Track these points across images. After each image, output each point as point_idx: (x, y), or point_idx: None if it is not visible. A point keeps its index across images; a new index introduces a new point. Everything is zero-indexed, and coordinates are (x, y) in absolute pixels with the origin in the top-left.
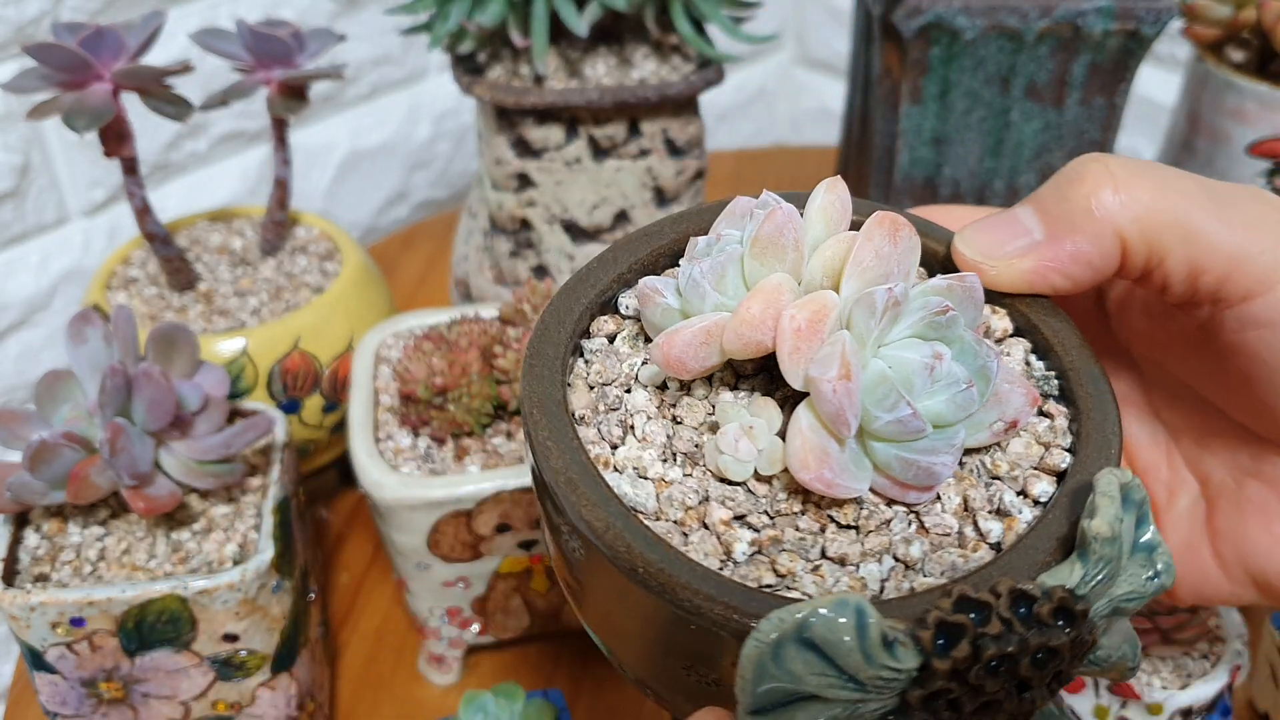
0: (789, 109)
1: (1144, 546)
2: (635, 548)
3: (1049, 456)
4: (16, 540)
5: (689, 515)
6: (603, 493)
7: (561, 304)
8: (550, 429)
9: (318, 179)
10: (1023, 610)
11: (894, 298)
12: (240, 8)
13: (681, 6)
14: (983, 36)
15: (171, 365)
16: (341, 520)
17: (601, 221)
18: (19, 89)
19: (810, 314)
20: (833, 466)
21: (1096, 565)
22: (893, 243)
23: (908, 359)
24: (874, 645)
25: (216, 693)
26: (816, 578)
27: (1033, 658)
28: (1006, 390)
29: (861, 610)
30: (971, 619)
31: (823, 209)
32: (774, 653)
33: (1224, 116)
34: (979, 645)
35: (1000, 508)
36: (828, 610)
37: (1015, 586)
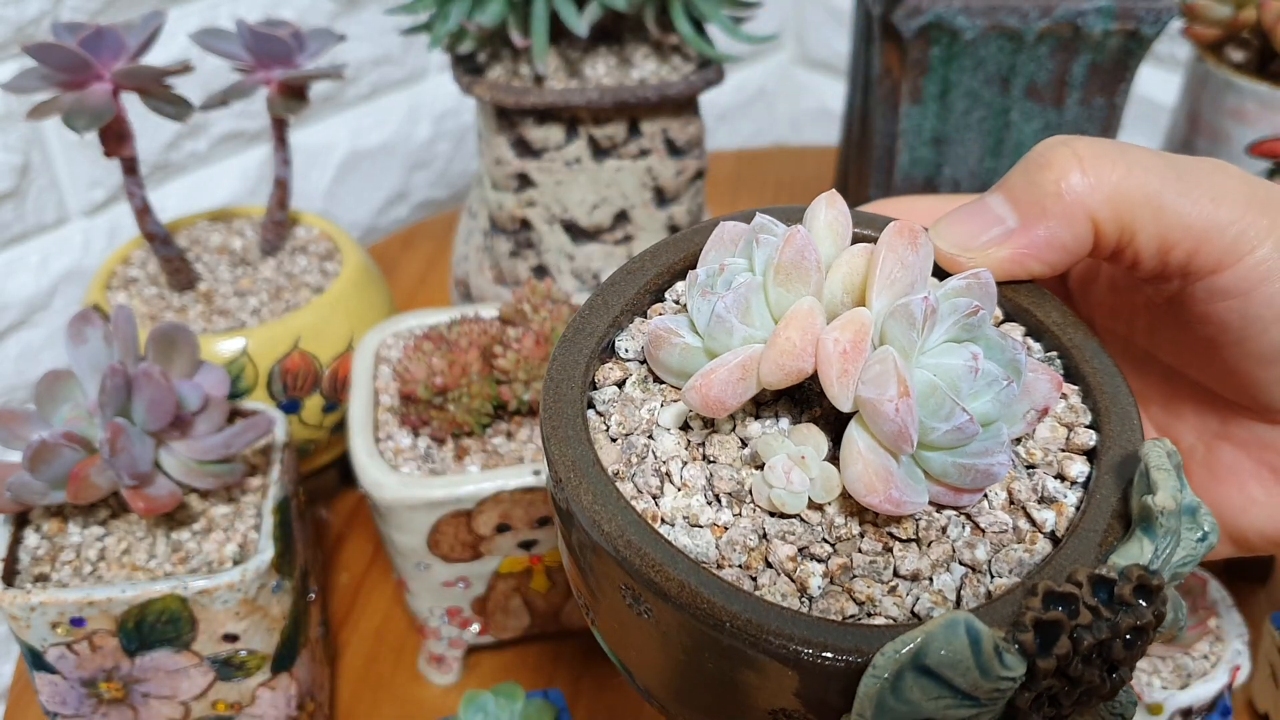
0: (789, 109)
1: (1188, 509)
2: (717, 602)
3: (1075, 436)
4: (16, 540)
5: (752, 557)
6: (667, 551)
7: (565, 357)
8: (594, 493)
9: (318, 179)
10: (1104, 595)
11: (930, 306)
12: (240, 8)
13: (681, 6)
14: (983, 36)
15: (171, 365)
16: (341, 520)
17: (601, 221)
18: (19, 89)
19: (853, 334)
20: (898, 486)
21: (1165, 539)
22: (914, 251)
23: (951, 365)
24: (989, 659)
25: (216, 693)
26: (895, 599)
27: (1124, 639)
28: (1033, 379)
29: (973, 628)
30: (1063, 613)
31: (829, 225)
32: (893, 686)
33: (1224, 116)
34: (1076, 638)
35: (1046, 495)
36: (941, 633)
37: (1094, 573)
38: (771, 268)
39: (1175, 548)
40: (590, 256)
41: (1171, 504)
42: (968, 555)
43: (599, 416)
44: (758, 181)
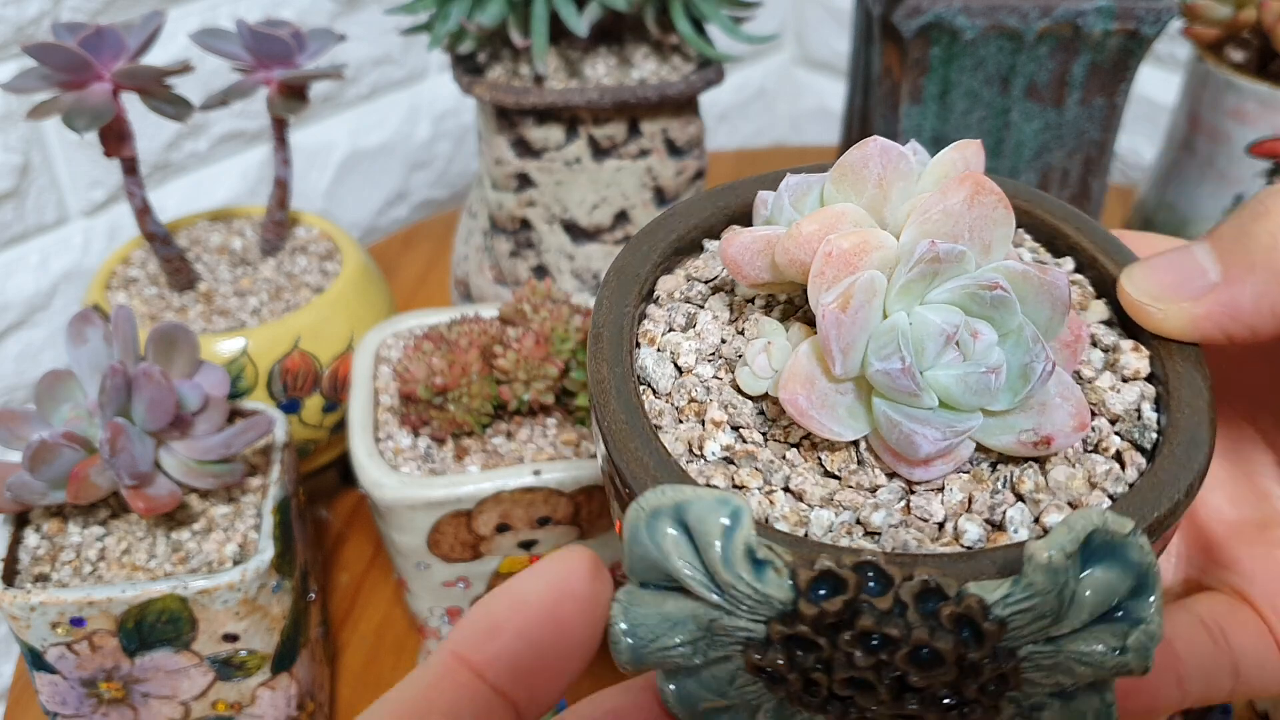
0: (789, 109)
1: (1127, 618)
2: (613, 403)
3: (1089, 497)
4: (16, 540)
5: (690, 407)
6: (619, 353)
7: (698, 200)
8: (614, 290)
9: (318, 179)
10: (928, 605)
11: (935, 253)
12: (240, 8)
13: (681, 6)
14: (983, 36)
15: (171, 365)
16: (341, 520)
17: (601, 221)
18: (19, 89)
19: (851, 244)
20: (812, 397)
21: (1024, 590)
22: (968, 205)
23: (929, 320)
24: (736, 550)
25: (216, 693)
26: (765, 501)
27: (913, 651)
28: (1055, 402)
29: (739, 514)
30: (867, 585)
31: (940, 163)
32: (650, 521)
33: (1224, 116)
34: (857, 608)
35: (998, 520)
36: (714, 499)
37: (930, 579)
38: (835, 166)
39: (1052, 619)
40: (590, 256)
41: (1044, 557)
42: (865, 513)
43: (698, 260)
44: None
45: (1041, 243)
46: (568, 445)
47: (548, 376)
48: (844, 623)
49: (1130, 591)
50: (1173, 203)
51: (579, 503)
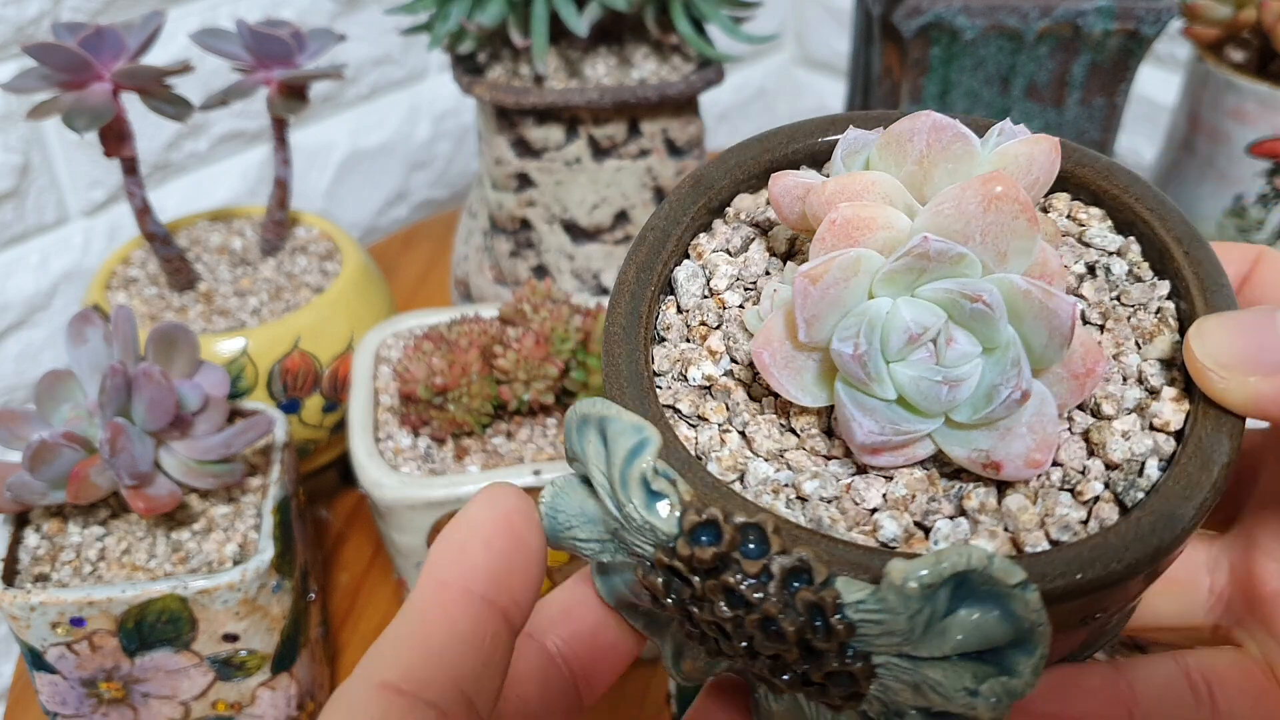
0: (789, 109)
1: (997, 664)
2: (621, 310)
3: (1030, 535)
4: (16, 540)
5: (699, 329)
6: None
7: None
8: (680, 198)
9: (318, 179)
10: (794, 583)
11: (926, 249)
12: (240, 8)
13: (681, 6)
14: (983, 36)
15: (171, 365)
16: (341, 520)
17: (601, 221)
18: (19, 89)
19: (855, 216)
20: (777, 356)
21: (876, 603)
22: (984, 208)
23: (902, 314)
24: (633, 476)
25: (216, 693)
26: (718, 438)
27: (762, 620)
28: (1018, 431)
29: (646, 444)
30: (744, 546)
31: (1004, 154)
32: (579, 426)
33: (1224, 116)
34: (726, 563)
35: (925, 525)
36: (629, 423)
37: (805, 559)
38: (886, 133)
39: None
40: (590, 256)
41: (898, 578)
42: (802, 480)
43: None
44: None
45: (1153, 256)
46: None
47: (548, 376)
48: (712, 572)
49: (1011, 641)
50: None
51: None
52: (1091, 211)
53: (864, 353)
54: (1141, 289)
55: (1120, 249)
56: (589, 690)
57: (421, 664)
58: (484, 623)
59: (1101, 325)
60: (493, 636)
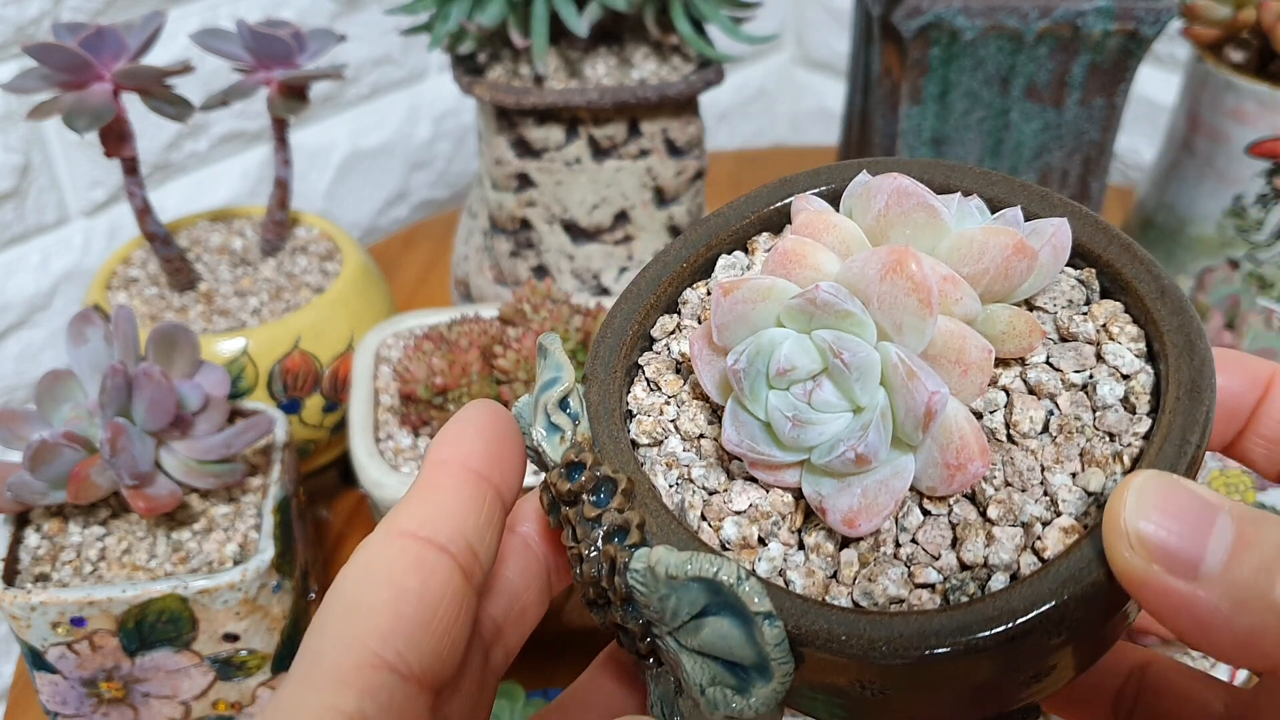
0: (789, 109)
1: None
2: (617, 313)
3: (836, 588)
4: (17, 540)
5: (704, 313)
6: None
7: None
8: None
9: (318, 179)
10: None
11: (814, 295)
12: (240, 8)
13: (681, 7)
14: (982, 37)
15: (172, 365)
16: (342, 520)
17: (601, 221)
18: (20, 89)
19: (790, 248)
20: (701, 351)
21: (642, 576)
22: (880, 277)
23: (781, 350)
24: (539, 403)
25: (217, 692)
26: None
27: (578, 557)
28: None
29: (558, 380)
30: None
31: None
32: (541, 352)
33: (1223, 117)
34: (575, 499)
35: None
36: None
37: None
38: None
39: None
40: (590, 256)
41: (643, 561)
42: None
43: None
44: (757, 182)
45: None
46: None
47: None
48: (569, 503)
49: (753, 664)
50: (1172, 203)
51: None
52: (1129, 330)
53: (742, 370)
54: (1123, 420)
55: (1130, 374)
56: (558, 577)
57: (434, 517)
58: (482, 491)
59: (1054, 436)
60: (490, 504)
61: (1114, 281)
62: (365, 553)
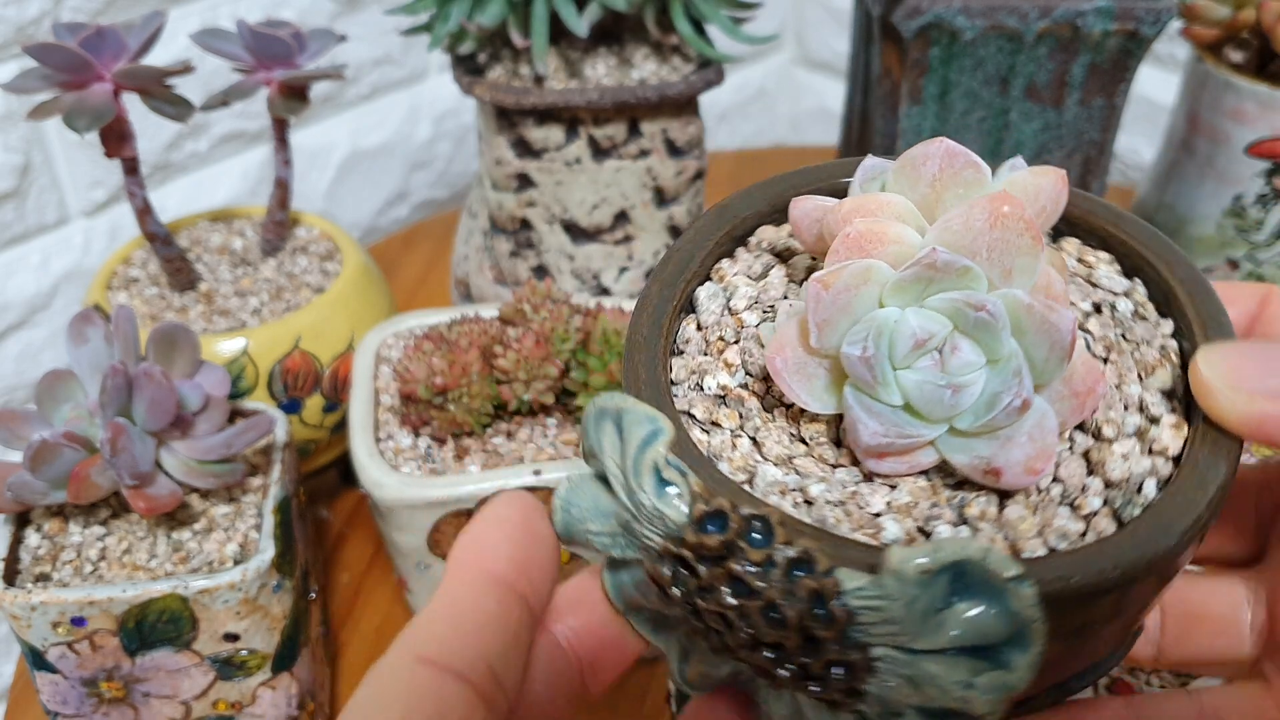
0: (789, 109)
1: (994, 660)
2: (644, 320)
3: (1028, 542)
4: (17, 540)
5: (717, 344)
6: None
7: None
8: (706, 224)
9: (318, 179)
10: (795, 572)
11: (934, 260)
12: (241, 8)
13: (681, 7)
14: (982, 37)
15: (172, 365)
16: (342, 520)
17: (601, 221)
18: (20, 89)
19: (865, 231)
20: (789, 362)
21: (874, 589)
22: (989, 225)
23: (905, 322)
24: (645, 463)
25: (217, 692)
26: (719, 443)
27: (765, 606)
28: (1019, 440)
29: (658, 433)
30: (749, 535)
31: (1012, 183)
32: (596, 417)
33: (1223, 117)
34: (732, 550)
35: (926, 530)
36: (644, 413)
37: (809, 550)
38: (902, 157)
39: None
40: (590, 257)
41: (895, 564)
42: (809, 484)
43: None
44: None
45: (1158, 298)
46: (568, 445)
47: (548, 376)
48: (718, 559)
49: (1007, 639)
50: (1172, 203)
51: None
52: (1100, 255)
53: (871, 356)
54: (1146, 327)
55: (1127, 290)
56: (595, 681)
57: (453, 640)
58: (508, 605)
59: (1105, 358)
60: (516, 619)
61: (1065, 222)
62: (379, 679)
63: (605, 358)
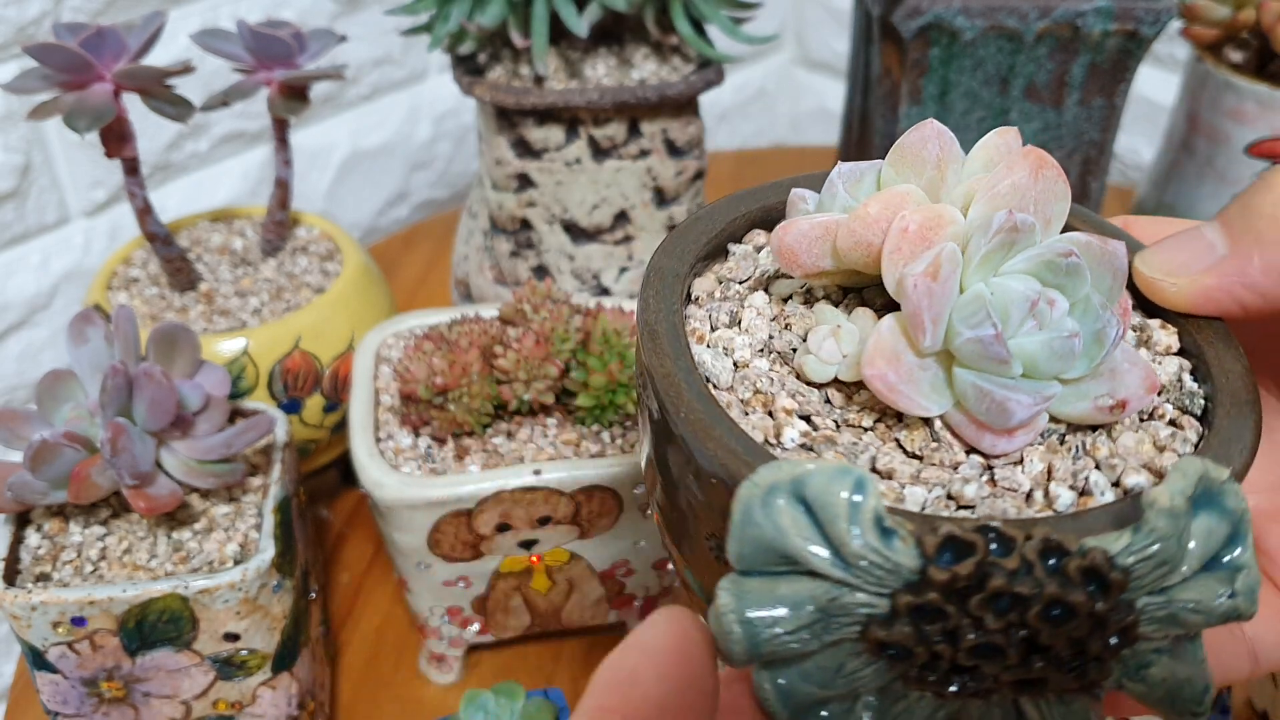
0: (789, 109)
1: (1229, 564)
2: (687, 395)
3: (1161, 459)
4: (18, 540)
5: (756, 398)
6: (680, 347)
7: (723, 204)
8: (658, 290)
9: (318, 179)
10: (1051, 561)
11: (1013, 222)
12: (241, 8)
13: (681, 7)
14: (982, 37)
15: (172, 365)
16: (342, 520)
17: (601, 222)
18: (20, 89)
19: (923, 219)
20: (899, 371)
21: (1147, 537)
22: (1034, 178)
23: (1011, 287)
24: (865, 520)
25: (217, 692)
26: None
27: (1045, 608)
28: (1124, 368)
29: (863, 483)
30: (990, 546)
31: (986, 147)
32: (765, 499)
33: (1223, 117)
34: (986, 571)
35: (1082, 486)
36: (830, 471)
37: (1050, 536)
38: (894, 149)
39: (1171, 567)
40: (590, 257)
41: (1165, 500)
42: (956, 488)
43: (724, 265)
44: (757, 182)
45: None
46: (568, 445)
47: (548, 376)
48: (973, 587)
49: (1226, 540)
50: (1171, 203)
51: (579, 502)
52: None
53: (1000, 333)
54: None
55: None
56: None
57: None
58: None
59: None
60: None
61: None
62: None
63: (605, 358)
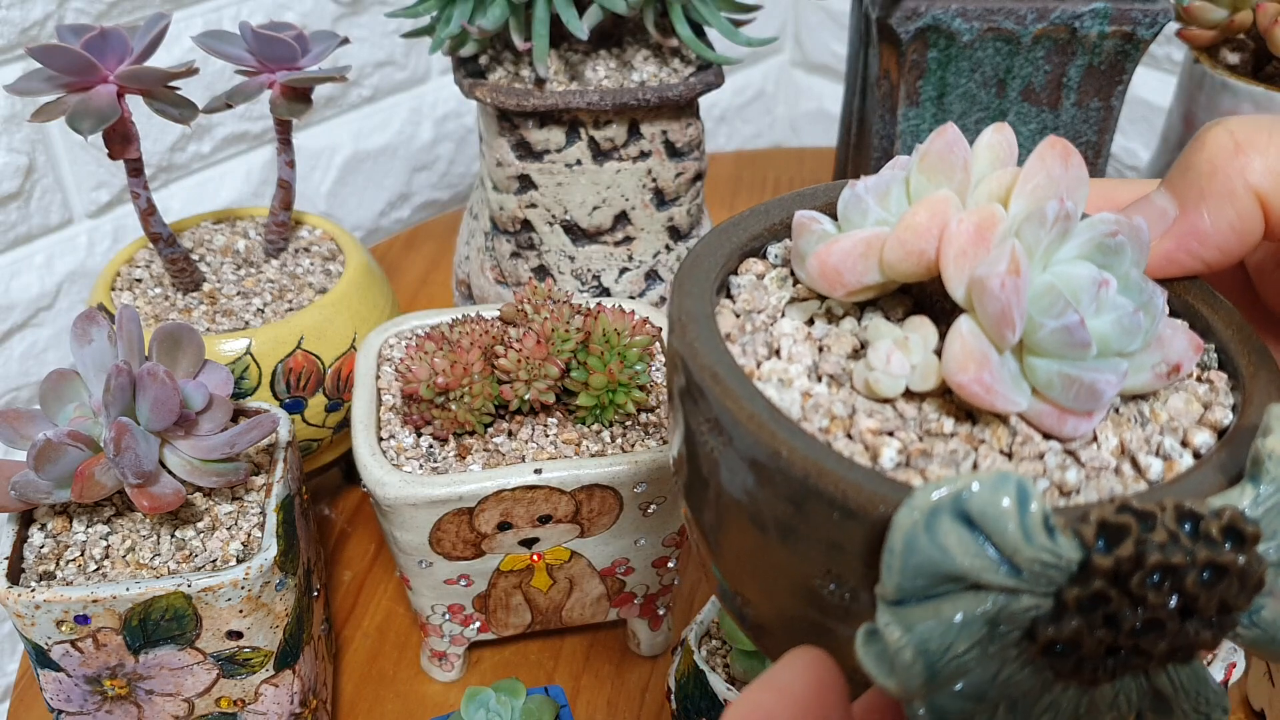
0: (787, 111)
1: None
2: (779, 433)
3: (1210, 414)
4: (22, 538)
5: (835, 425)
6: (748, 387)
7: (714, 239)
8: (699, 333)
9: (321, 180)
10: (1189, 526)
11: (1065, 210)
12: (244, 10)
13: (681, 10)
14: (979, 39)
15: (176, 365)
16: (344, 518)
17: (602, 223)
18: (24, 91)
19: (978, 221)
20: (992, 372)
21: (1270, 485)
22: (1064, 167)
23: (1075, 274)
24: (1035, 523)
25: (220, 689)
26: None
27: (1200, 574)
28: (1169, 334)
29: (1024, 488)
30: (1134, 520)
31: (990, 146)
32: (927, 523)
33: (1219, 118)
34: (1143, 549)
35: (1160, 450)
36: (989, 483)
37: (1182, 503)
38: (918, 157)
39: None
40: (590, 257)
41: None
42: (1058, 476)
43: (731, 299)
44: (757, 183)
45: None
46: (568, 444)
47: (549, 376)
48: (1134, 567)
49: None
50: None
51: (579, 501)
52: None
53: (1082, 319)
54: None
55: None
56: None
57: None
58: None
59: None
60: None
61: None
62: None
63: (605, 358)
